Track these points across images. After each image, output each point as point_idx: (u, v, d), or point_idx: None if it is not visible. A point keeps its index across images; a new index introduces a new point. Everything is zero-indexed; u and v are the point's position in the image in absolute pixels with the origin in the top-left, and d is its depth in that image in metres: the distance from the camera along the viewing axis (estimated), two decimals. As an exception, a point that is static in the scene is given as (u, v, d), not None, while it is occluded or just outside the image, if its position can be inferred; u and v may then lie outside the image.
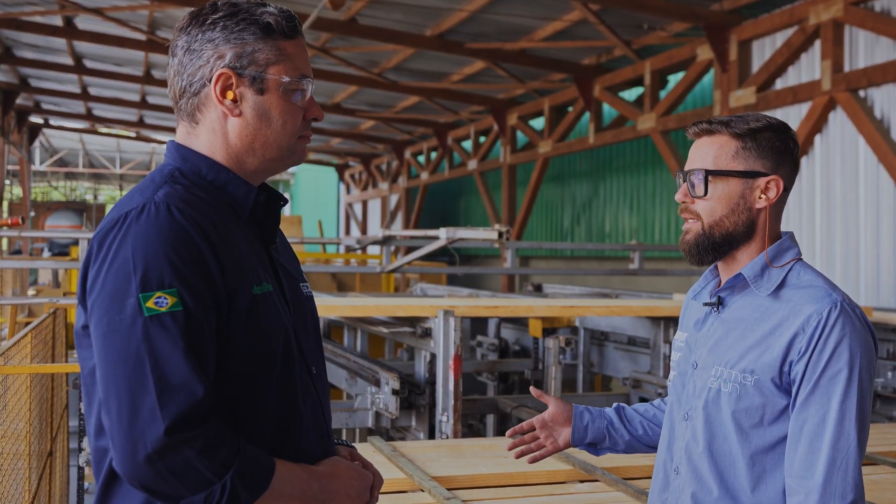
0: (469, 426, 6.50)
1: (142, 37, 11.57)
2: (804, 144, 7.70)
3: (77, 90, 16.29)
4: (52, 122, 21.96)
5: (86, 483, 5.06)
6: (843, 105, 7.34)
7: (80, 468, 4.73)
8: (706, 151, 1.75)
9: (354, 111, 15.33)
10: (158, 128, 19.79)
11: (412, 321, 5.06)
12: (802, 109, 7.89)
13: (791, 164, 1.76)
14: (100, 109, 18.88)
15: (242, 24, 1.49)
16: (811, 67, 7.78)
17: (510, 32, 10.12)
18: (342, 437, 2.28)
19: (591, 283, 11.35)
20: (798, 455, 1.61)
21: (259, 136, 1.52)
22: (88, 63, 14.14)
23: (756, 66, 8.38)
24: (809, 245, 7.76)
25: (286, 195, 1.92)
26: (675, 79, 10.38)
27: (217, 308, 1.40)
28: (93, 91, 16.47)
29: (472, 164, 15.15)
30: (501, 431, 5.92)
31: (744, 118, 1.74)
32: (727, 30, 8.49)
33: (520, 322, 6.69)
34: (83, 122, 21.48)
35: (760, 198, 1.73)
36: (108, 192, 36.33)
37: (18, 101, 16.96)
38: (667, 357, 5.35)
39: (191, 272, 1.37)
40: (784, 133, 1.75)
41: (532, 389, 2.05)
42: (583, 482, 3.30)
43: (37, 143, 26.44)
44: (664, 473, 1.83)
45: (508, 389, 6.79)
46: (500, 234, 6.65)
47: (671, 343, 5.32)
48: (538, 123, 13.43)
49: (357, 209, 23.49)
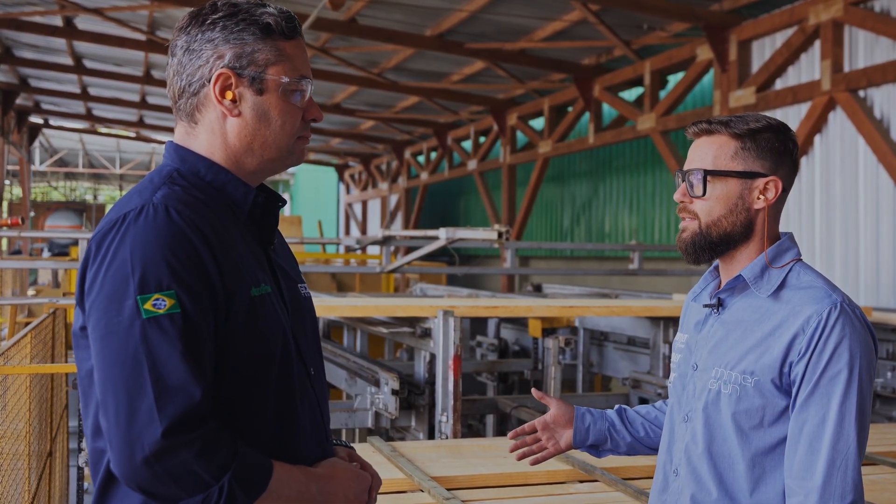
0: (469, 426, 6.50)
1: (142, 37, 11.56)
2: (804, 145, 7.69)
3: (77, 90, 16.29)
4: (52, 122, 21.95)
5: (85, 483, 5.05)
6: (843, 105, 7.34)
7: (80, 468, 4.74)
8: (705, 151, 1.74)
9: (354, 111, 15.32)
10: (158, 128, 19.79)
11: (412, 321, 5.06)
12: (802, 109, 7.89)
13: (790, 165, 1.75)
14: (99, 109, 18.87)
15: (242, 25, 1.49)
16: (811, 67, 7.78)
17: (510, 32, 10.12)
18: (341, 438, 2.29)
19: (591, 284, 11.35)
20: (798, 456, 1.61)
21: (258, 137, 1.52)
22: (88, 63, 14.14)
23: (756, 67, 8.38)
24: (809, 245, 7.75)
25: (286, 195, 1.92)
26: (675, 79, 10.38)
27: (215, 310, 1.40)
28: (93, 91, 16.46)
29: (472, 165, 15.14)
30: (501, 432, 5.92)
31: (743, 118, 1.74)
32: (727, 30, 8.49)
33: (519, 322, 6.69)
34: (83, 123, 21.47)
35: (759, 198, 1.72)
36: (108, 193, 36.30)
37: (18, 101, 16.95)
38: (666, 357, 5.35)
39: (189, 274, 1.37)
40: (783, 134, 1.75)
41: (534, 391, 2.06)
42: (582, 482, 3.30)
43: (37, 143, 26.42)
44: (664, 475, 1.82)
45: (508, 390, 6.79)
46: (500, 235, 6.64)
47: (671, 343, 5.33)
48: (538, 123, 13.43)
49: (357, 209, 23.48)
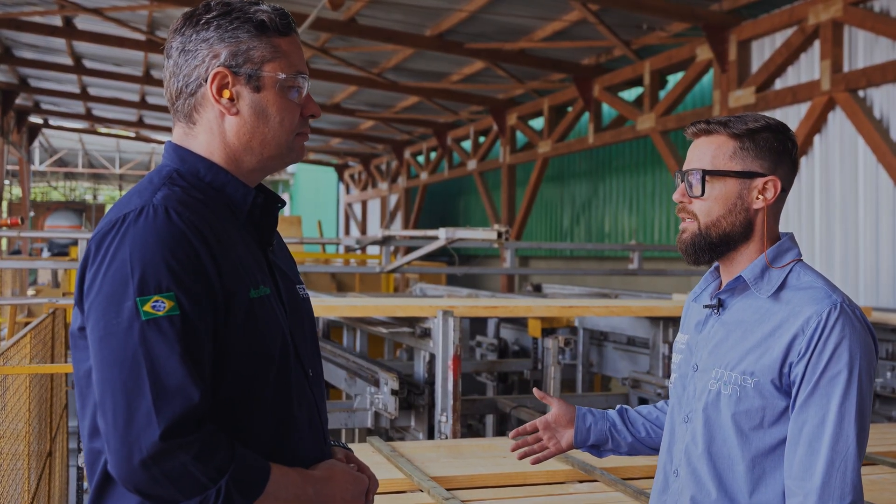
0: (468, 426, 6.50)
1: (141, 37, 11.56)
2: (803, 145, 7.69)
3: (76, 90, 16.28)
4: (52, 122, 21.94)
5: (85, 483, 5.04)
6: (843, 105, 7.33)
7: (80, 468, 4.74)
8: (704, 151, 1.74)
9: (354, 111, 15.32)
10: (158, 128, 19.78)
11: (411, 321, 5.06)
12: (802, 109, 7.89)
13: (789, 165, 1.75)
14: (99, 109, 18.87)
15: (236, 23, 1.49)
16: (810, 67, 7.78)
17: (509, 32, 10.12)
18: (341, 438, 2.29)
19: (591, 284, 11.35)
20: (797, 456, 1.61)
21: (257, 134, 1.52)
22: (88, 63, 14.13)
23: (755, 67, 8.38)
24: (809, 245, 7.75)
25: (285, 195, 1.92)
26: (675, 79, 10.37)
27: (214, 311, 1.40)
28: (92, 91, 16.45)
29: (472, 165, 15.14)
30: (500, 431, 5.92)
31: (742, 118, 1.74)
32: (726, 30, 8.49)
33: (519, 322, 6.69)
34: (83, 122, 21.47)
35: (758, 198, 1.72)
36: (108, 193, 36.29)
37: (18, 101, 16.94)
38: (666, 357, 5.35)
39: (188, 276, 1.37)
40: (782, 134, 1.74)
41: (535, 391, 2.06)
42: (582, 482, 3.30)
43: (36, 143, 26.42)
44: (664, 475, 1.82)
45: (508, 389, 6.79)
46: (500, 235, 6.64)
47: (670, 343, 5.33)
48: (538, 123, 13.42)
49: (356, 209, 23.47)
